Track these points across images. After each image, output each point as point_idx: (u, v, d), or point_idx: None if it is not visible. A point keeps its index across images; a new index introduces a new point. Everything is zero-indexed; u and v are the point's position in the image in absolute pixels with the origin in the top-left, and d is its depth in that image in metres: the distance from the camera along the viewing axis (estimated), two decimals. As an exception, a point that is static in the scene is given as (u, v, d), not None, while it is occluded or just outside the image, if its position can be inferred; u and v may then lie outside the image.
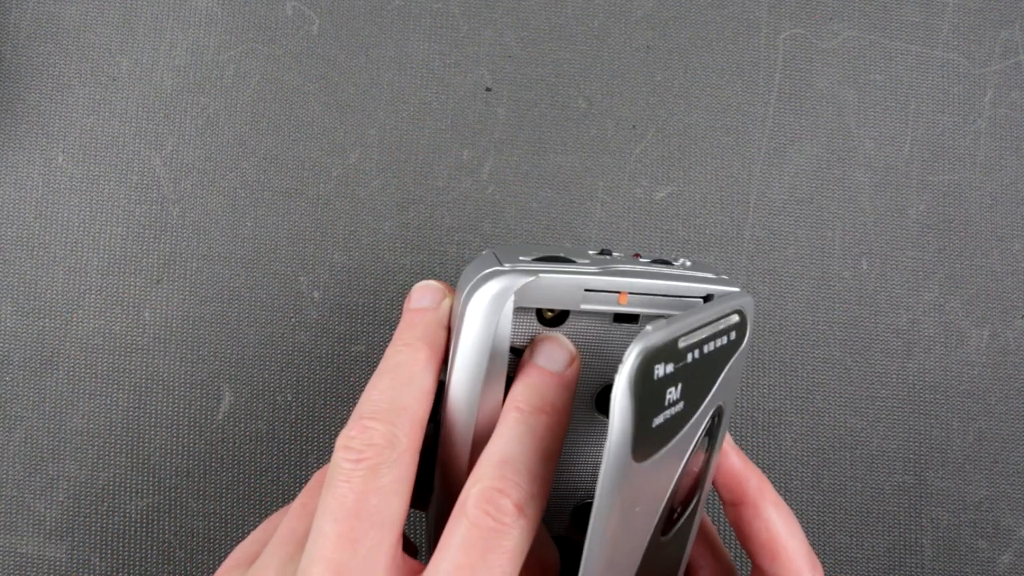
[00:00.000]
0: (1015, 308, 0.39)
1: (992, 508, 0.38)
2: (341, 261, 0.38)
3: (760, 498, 0.26)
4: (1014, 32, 0.40)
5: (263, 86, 0.38)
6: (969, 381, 0.39)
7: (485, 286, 0.23)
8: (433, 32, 0.39)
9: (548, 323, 0.25)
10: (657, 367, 0.20)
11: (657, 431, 0.20)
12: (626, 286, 0.24)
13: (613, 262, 0.25)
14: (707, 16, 0.40)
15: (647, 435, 0.20)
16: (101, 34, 0.38)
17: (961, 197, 0.39)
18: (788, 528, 0.26)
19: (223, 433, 0.37)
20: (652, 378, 0.20)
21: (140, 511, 0.37)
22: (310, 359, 0.37)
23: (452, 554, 0.21)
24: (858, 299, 0.39)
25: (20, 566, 0.36)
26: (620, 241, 0.38)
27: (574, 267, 0.24)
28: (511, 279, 0.23)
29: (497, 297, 0.23)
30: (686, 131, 0.39)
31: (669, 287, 0.24)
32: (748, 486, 0.26)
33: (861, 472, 0.38)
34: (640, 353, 0.19)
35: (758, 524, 0.26)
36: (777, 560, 0.26)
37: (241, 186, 0.38)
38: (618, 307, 0.24)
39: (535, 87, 0.39)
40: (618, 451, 0.19)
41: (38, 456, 0.37)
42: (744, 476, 0.26)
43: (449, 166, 0.38)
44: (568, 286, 0.24)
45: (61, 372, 0.37)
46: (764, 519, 0.26)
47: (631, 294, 0.24)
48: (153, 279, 0.38)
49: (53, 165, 0.38)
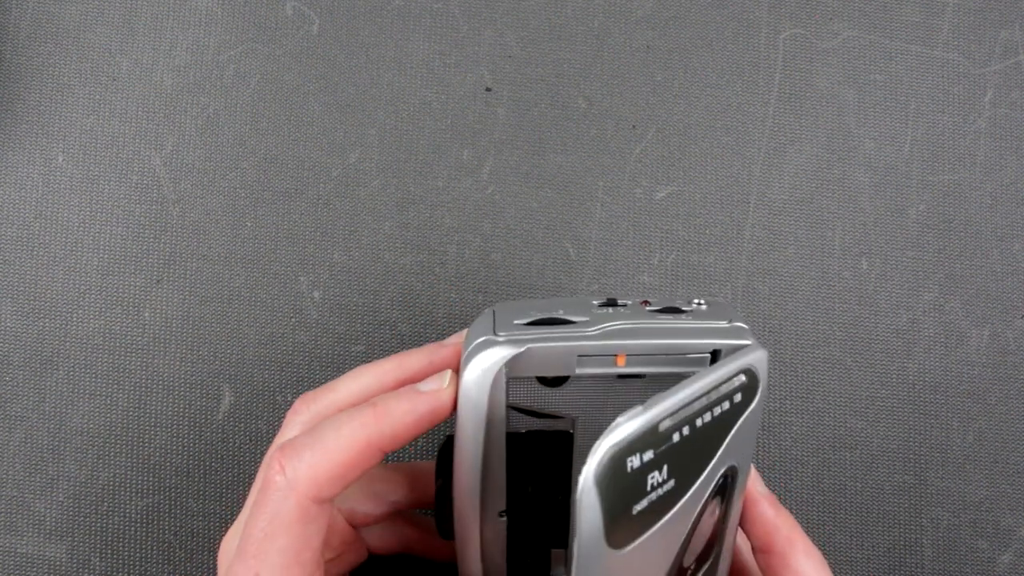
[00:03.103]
0: (1015, 308, 0.39)
1: (992, 508, 0.38)
2: (341, 261, 0.38)
3: (789, 548, 0.25)
4: (1014, 32, 0.40)
5: (263, 86, 0.38)
6: (969, 381, 0.39)
7: (476, 358, 0.23)
8: (433, 32, 0.39)
9: (548, 384, 0.25)
10: (631, 459, 0.19)
11: (640, 516, 0.20)
12: (623, 348, 0.23)
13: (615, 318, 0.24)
14: (707, 16, 0.40)
15: (625, 523, 0.19)
16: (101, 34, 0.38)
17: (961, 197, 0.39)
18: None
19: (223, 433, 0.37)
20: (625, 471, 0.19)
21: (140, 511, 0.37)
22: (310, 359, 0.37)
23: None
24: (858, 299, 0.39)
25: (20, 566, 0.36)
26: (620, 241, 0.38)
27: (569, 331, 0.23)
28: (501, 351, 0.23)
29: (487, 371, 0.23)
30: (686, 131, 0.39)
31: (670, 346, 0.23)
32: (777, 536, 0.26)
33: (861, 472, 0.38)
34: (606, 452, 0.18)
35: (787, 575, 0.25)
36: None
37: (241, 186, 0.38)
38: (617, 369, 0.24)
39: (535, 87, 0.39)
40: (588, 543, 0.19)
41: (38, 456, 0.37)
42: (774, 525, 0.26)
43: (449, 166, 0.38)
44: (561, 354, 0.23)
45: (61, 372, 0.37)
46: (793, 570, 0.25)
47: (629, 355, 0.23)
48: (153, 279, 0.38)
49: (53, 165, 0.38)
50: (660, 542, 0.21)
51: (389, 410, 0.24)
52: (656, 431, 0.19)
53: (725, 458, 0.22)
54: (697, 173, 0.39)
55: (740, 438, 0.22)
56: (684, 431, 0.20)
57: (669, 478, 0.20)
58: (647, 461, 0.19)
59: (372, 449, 0.24)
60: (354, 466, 0.24)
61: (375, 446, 0.24)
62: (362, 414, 0.24)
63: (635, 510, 0.19)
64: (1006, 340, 0.39)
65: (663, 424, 0.19)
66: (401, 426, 0.24)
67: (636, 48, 0.39)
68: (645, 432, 0.19)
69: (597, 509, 0.18)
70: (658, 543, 0.21)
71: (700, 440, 0.21)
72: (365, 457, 0.24)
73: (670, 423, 0.20)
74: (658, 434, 0.19)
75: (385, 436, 0.24)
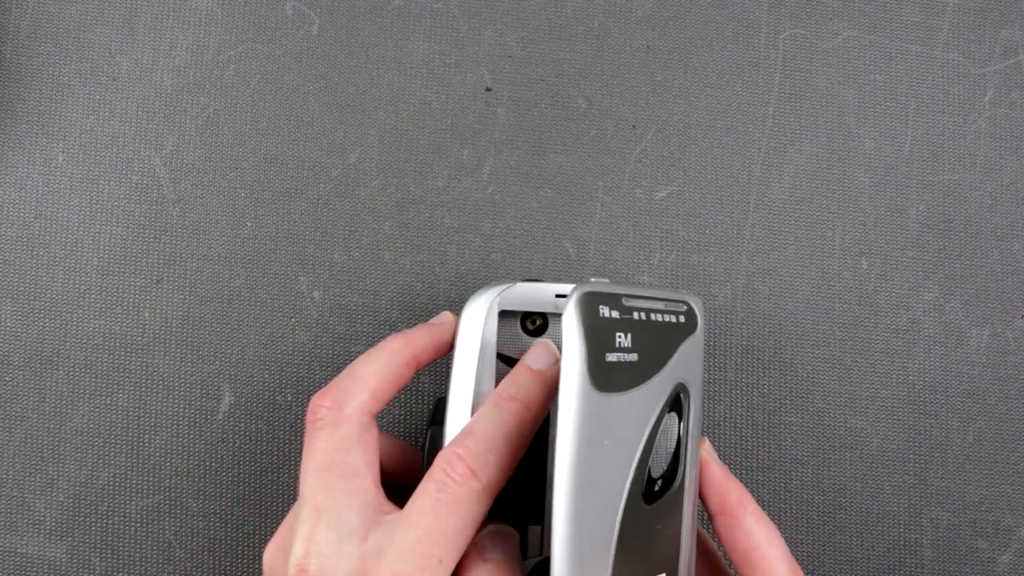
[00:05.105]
0: (1015, 308, 0.39)
1: (992, 508, 0.38)
2: (341, 261, 0.38)
3: (740, 508, 0.28)
4: (1014, 32, 0.40)
5: (263, 86, 0.38)
6: (969, 381, 0.39)
7: (474, 297, 0.29)
8: (433, 32, 0.39)
9: (531, 333, 0.31)
10: (602, 307, 0.23)
11: (613, 368, 0.23)
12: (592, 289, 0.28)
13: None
14: (707, 16, 0.40)
15: (602, 367, 0.22)
16: (101, 34, 0.38)
17: (961, 197, 0.39)
18: (768, 537, 0.27)
19: (223, 433, 0.37)
20: (597, 314, 0.23)
21: (140, 511, 0.37)
22: (310, 359, 0.37)
23: (417, 503, 0.25)
24: (858, 299, 0.39)
25: (20, 566, 0.36)
26: (620, 241, 0.38)
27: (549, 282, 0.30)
28: (495, 289, 0.29)
29: (483, 302, 0.29)
30: (686, 131, 0.39)
31: (632, 290, 0.27)
32: (729, 497, 0.28)
33: (861, 472, 0.38)
34: (584, 288, 0.23)
35: (739, 534, 0.27)
36: (758, 569, 0.27)
37: (241, 186, 0.38)
38: None
39: (535, 87, 0.39)
40: (576, 372, 0.22)
41: (38, 456, 0.37)
42: (725, 487, 0.28)
43: (449, 166, 0.38)
44: (541, 291, 0.30)
45: (61, 372, 0.37)
46: (744, 529, 0.27)
47: None
48: (153, 279, 0.38)
49: (53, 165, 0.38)
50: (632, 415, 0.24)
51: (413, 340, 0.29)
52: (619, 301, 0.24)
53: (677, 369, 0.26)
54: (697, 173, 0.39)
55: (687, 358, 0.27)
56: (641, 314, 0.24)
57: (633, 348, 0.24)
58: (614, 318, 0.23)
59: (410, 360, 0.29)
60: (397, 376, 0.28)
61: (413, 358, 0.29)
62: (390, 343, 0.29)
63: (607, 358, 0.23)
64: (1006, 340, 0.39)
65: (625, 300, 0.24)
66: (425, 348, 0.29)
67: (636, 48, 0.39)
68: (612, 293, 0.23)
69: (578, 331, 0.22)
70: (631, 414, 0.24)
71: (656, 332, 0.25)
72: (405, 367, 0.28)
73: (629, 302, 0.24)
74: (621, 304, 0.24)
75: (419, 351, 0.29)
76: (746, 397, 0.38)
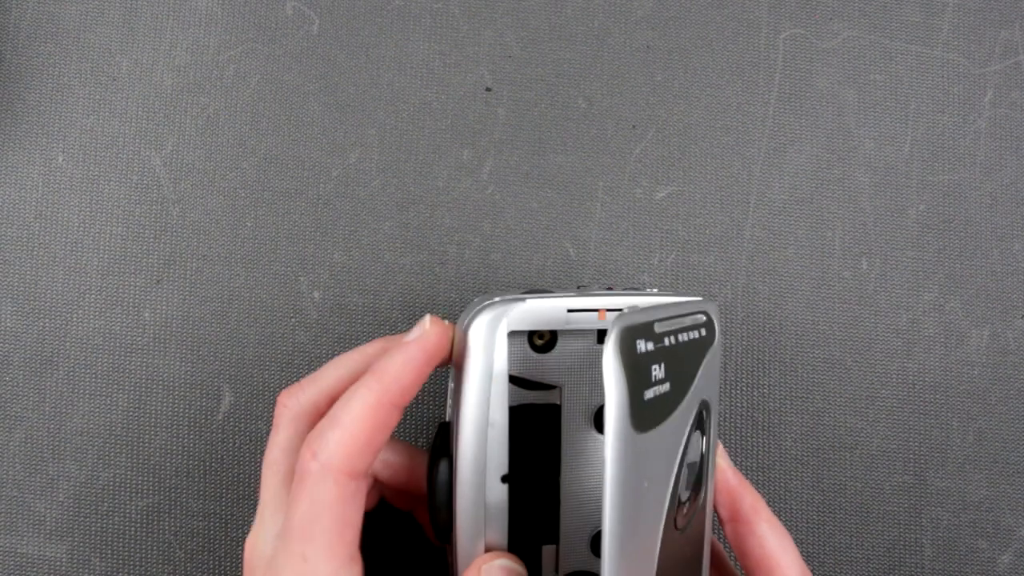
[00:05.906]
0: (1015, 308, 0.39)
1: (992, 508, 0.38)
2: (341, 261, 0.38)
3: (754, 515, 0.27)
4: (1014, 32, 0.40)
5: (263, 86, 0.38)
6: (969, 381, 0.39)
7: (481, 315, 0.26)
8: (433, 32, 0.39)
9: (539, 350, 0.28)
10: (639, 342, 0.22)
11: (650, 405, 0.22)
12: (603, 303, 0.27)
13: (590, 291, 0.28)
14: (707, 16, 0.40)
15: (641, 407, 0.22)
16: (101, 34, 0.38)
17: (961, 197, 0.39)
18: (781, 544, 0.27)
19: (223, 433, 0.37)
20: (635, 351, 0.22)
21: (140, 511, 0.37)
22: (310, 359, 0.37)
23: None
24: (858, 299, 0.39)
25: (20, 566, 0.36)
26: (620, 241, 0.38)
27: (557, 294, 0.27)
28: (503, 306, 0.26)
29: (492, 322, 0.26)
30: (686, 131, 0.39)
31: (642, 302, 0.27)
32: (743, 503, 0.28)
33: (861, 472, 0.38)
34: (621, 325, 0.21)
35: (752, 541, 0.27)
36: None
37: (241, 186, 0.38)
38: (599, 324, 0.27)
39: (535, 87, 0.39)
40: (618, 417, 0.21)
41: (38, 456, 0.37)
42: (739, 493, 0.28)
43: (449, 166, 0.38)
44: (553, 307, 0.27)
45: (61, 372, 0.37)
46: (758, 536, 0.27)
47: (608, 310, 0.27)
48: (153, 279, 0.38)
49: (53, 165, 0.38)
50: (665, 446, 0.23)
51: (387, 369, 0.26)
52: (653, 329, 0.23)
53: (701, 387, 0.25)
54: (697, 173, 0.39)
55: (709, 373, 0.26)
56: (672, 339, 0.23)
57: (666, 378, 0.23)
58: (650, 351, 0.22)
59: (387, 408, 0.25)
60: (377, 430, 0.25)
61: (388, 404, 0.25)
62: (365, 383, 0.26)
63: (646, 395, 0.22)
64: (1006, 340, 0.39)
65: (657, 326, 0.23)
66: (404, 379, 0.26)
67: (636, 48, 0.39)
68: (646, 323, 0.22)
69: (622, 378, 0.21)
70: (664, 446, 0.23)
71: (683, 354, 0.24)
72: (383, 419, 0.25)
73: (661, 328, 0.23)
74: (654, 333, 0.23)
75: (394, 392, 0.25)
76: (746, 397, 0.38)
